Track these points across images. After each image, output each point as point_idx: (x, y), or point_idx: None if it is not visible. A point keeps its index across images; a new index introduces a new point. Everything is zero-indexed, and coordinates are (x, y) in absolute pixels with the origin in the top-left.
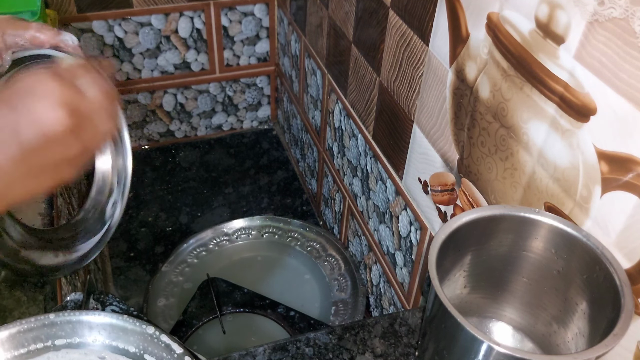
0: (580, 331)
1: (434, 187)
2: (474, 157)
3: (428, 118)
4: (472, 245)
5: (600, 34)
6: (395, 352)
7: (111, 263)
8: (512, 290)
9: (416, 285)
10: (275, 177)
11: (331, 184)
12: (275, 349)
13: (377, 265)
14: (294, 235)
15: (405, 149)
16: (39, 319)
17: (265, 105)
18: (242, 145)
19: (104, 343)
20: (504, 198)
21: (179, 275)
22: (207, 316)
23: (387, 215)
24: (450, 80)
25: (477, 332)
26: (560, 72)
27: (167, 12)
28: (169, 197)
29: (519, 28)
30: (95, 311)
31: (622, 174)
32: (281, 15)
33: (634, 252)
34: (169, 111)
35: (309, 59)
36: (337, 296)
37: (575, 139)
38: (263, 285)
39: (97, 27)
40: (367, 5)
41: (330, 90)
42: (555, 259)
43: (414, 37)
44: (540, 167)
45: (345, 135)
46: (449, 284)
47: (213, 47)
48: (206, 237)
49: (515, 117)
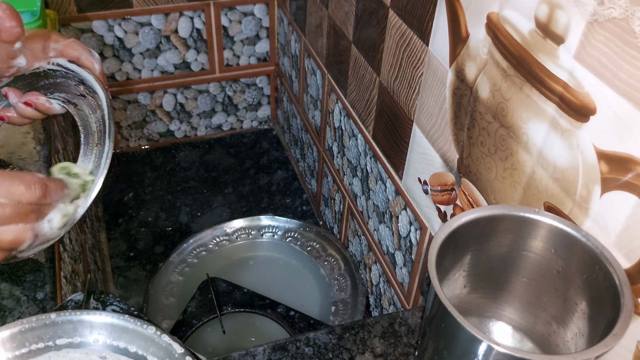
0: (580, 331)
1: (433, 187)
2: (473, 157)
3: (428, 118)
4: (471, 245)
5: (600, 34)
6: (395, 351)
7: (111, 263)
8: (512, 290)
9: (416, 285)
10: (275, 177)
11: (331, 183)
12: (275, 348)
13: (376, 265)
14: (293, 235)
15: (405, 149)
16: (40, 318)
17: (265, 105)
18: (242, 145)
19: (105, 343)
20: (504, 198)
21: (179, 275)
22: (207, 316)
23: (387, 215)
24: (450, 80)
25: (476, 332)
26: (559, 72)
27: (167, 12)
28: (168, 197)
29: (518, 28)
30: (96, 311)
31: (621, 174)
32: (281, 15)
33: (634, 252)
34: (169, 111)
35: (309, 59)
36: (336, 296)
37: (574, 139)
38: (263, 285)
39: (97, 27)
40: (367, 5)
41: (330, 90)
42: (555, 258)
43: (413, 37)
44: (539, 167)
45: (345, 135)
46: (448, 284)
47: (213, 47)
48: (206, 237)
49: (514, 117)
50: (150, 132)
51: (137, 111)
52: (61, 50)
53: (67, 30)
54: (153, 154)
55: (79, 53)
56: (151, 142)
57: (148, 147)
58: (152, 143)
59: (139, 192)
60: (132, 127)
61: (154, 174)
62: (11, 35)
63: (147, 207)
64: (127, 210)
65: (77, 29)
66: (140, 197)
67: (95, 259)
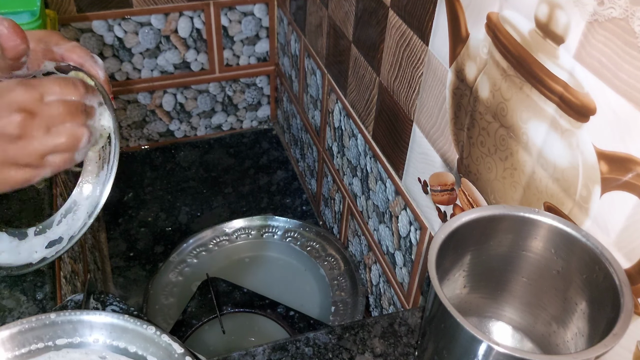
0: (580, 331)
1: (433, 187)
2: (473, 157)
3: (428, 118)
4: (471, 245)
5: (599, 34)
6: (394, 352)
7: (111, 263)
8: (512, 290)
9: (416, 285)
10: (275, 177)
11: (331, 183)
12: (275, 348)
13: (376, 265)
14: (293, 235)
15: (404, 149)
16: (40, 318)
17: (265, 105)
18: (242, 145)
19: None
20: (504, 198)
21: (179, 275)
22: (207, 316)
23: (387, 215)
24: (449, 80)
25: (476, 332)
26: (559, 72)
27: (167, 12)
28: (168, 197)
29: (518, 28)
30: (96, 311)
31: (621, 174)
32: (281, 15)
33: (634, 252)
34: (169, 111)
35: (309, 58)
36: (336, 296)
37: (574, 139)
38: (263, 285)
39: (96, 27)
40: (366, 5)
41: (330, 90)
42: (555, 258)
43: (413, 37)
44: (539, 167)
45: (345, 135)
46: (448, 284)
47: (213, 47)
48: (206, 237)
49: (514, 117)
50: (150, 132)
51: (136, 111)
52: (63, 54)
53: (66, 30)
54: (153, 154)
55: (84, 60)
56: (151, 142)
57: (148, 147)
58: (151, 143)
59: (139, 192)
60: (131, 127)
61: (153, 174)
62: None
63: (147, 207)
64: (126, 210)
65: (77, 29)
66: (140, 197)
67: (95, 259)
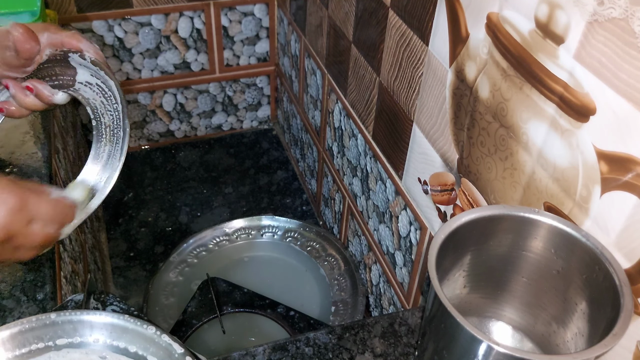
0: (580, 331)
1: (433, 187)
2: (473, 157)
3: (428, 118)
4: (471, 245)
5: (599, 34)
6: (394, 352)
7: (111, 263)
8: (512, 290)
9: (416, 285)
10: (275, 177)
11: (331, 184)
12: (275, 348)
13: (376, 265)
14: (293, 235)
15: (405, 149)
16: (40, 318)
17: (265, 105)
18: (242, 145)
19: (105, 343)
20: (504, 198)
21: (179, 275)
22: (207, 316)
23: (387, 215)
24: (450, 80)
25: (476, 332)
26: (559, 72)
27: (167, 12)
28: (168, 197)
29: (518, 28)
30: (96, 311)
31: (621, 174)
32: (281, 15)
33: (634, 252)
34: (169, 111)
35: (309, 59)
36: (336, 296)
37: (574, 139)
38: (263, 285)
39: (97, 27)
40: (366, 5)
41: (330, 90)
42: (555, 258)
43: (413, 37)
44: (539, 167)
45: (345, 135)
46: (448, 284)
47: (213, 47)
48: (206, 237)
49: (514, 117)
50: (150, 132)
51: (137, 111)
52: (63, 40)
53: None
54: (153, 154)
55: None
56: (151, 142)
57: (148, 147)
58: (152, 143)
59: (139, 192)
60: (132, 127)
61: (153, 174)
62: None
63: (147, 207)
64: (127, 210)
65: (77, 29)
66: (140, 197)
67: (95, 259)
